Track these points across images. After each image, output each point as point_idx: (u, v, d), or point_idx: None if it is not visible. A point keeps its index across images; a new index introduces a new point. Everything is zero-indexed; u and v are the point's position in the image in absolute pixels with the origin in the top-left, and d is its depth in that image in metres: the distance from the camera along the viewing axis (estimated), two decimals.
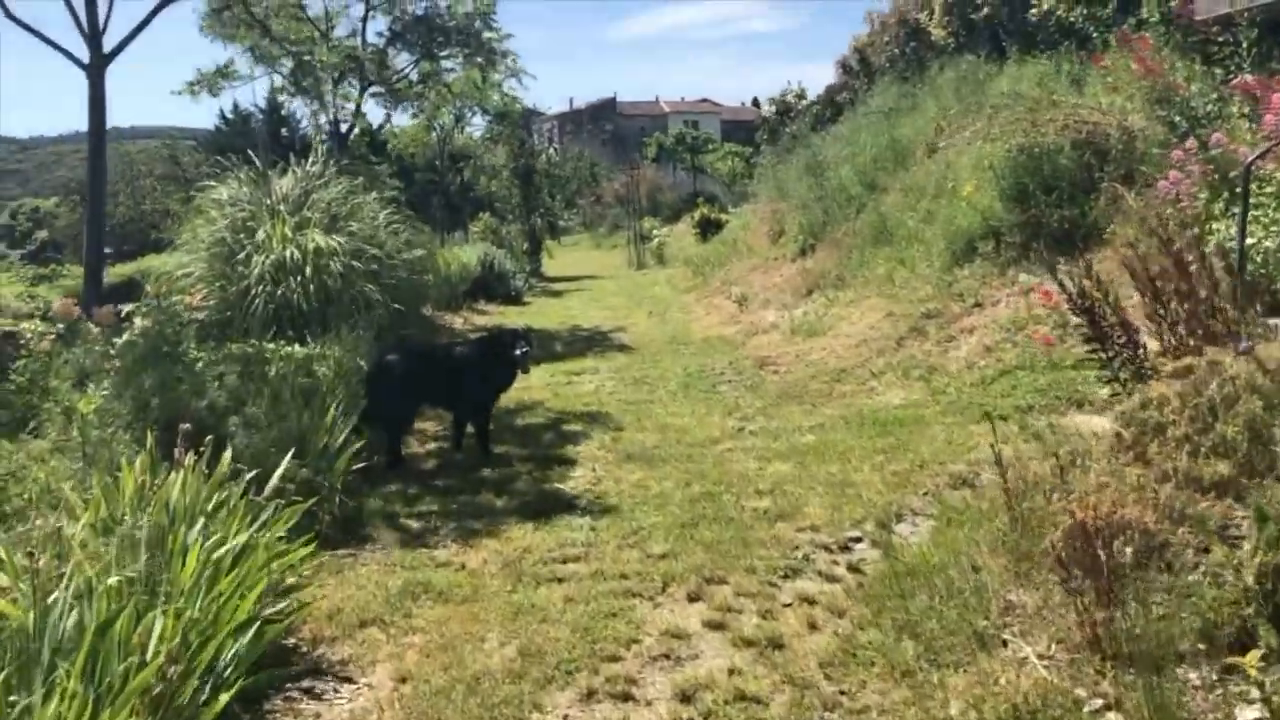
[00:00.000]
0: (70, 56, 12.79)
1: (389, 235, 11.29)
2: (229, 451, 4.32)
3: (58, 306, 6.42)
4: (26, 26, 13.18)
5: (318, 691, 3.93)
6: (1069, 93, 10.90)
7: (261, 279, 9.34)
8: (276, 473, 4.31)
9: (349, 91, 19.87)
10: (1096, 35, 11.88)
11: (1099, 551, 3.54)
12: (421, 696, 3.81)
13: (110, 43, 12.96)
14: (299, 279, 9.37)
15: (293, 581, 4.30)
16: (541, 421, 8.76)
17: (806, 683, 3.75)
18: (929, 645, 3.89)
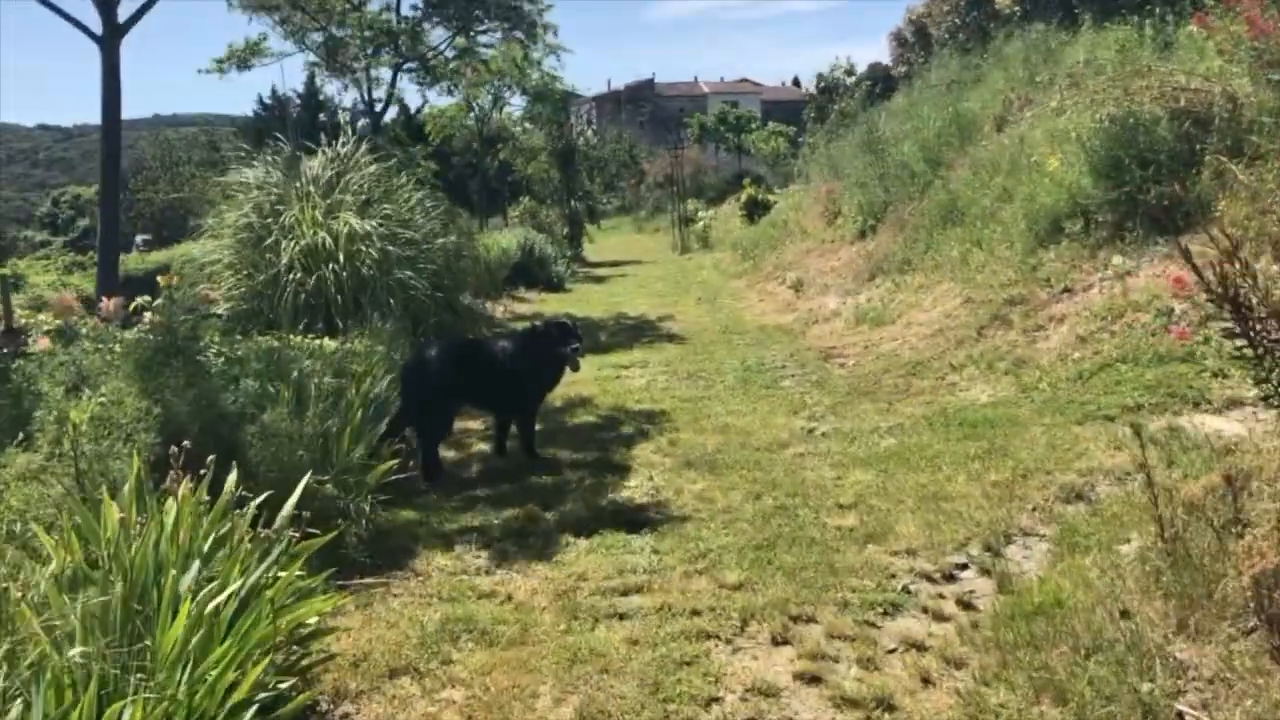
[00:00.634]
0: (83, 28, 12.15)
1: (425, 219, 10.66)
2: (234, 474, 3.64)
3: (55, 300, 5.81)
4: None
5: None
6: (1155, 59, 10.00)
7: (291, 266, 8.79)
8: (290, 500, 3.62)
9: (381, 73, 19.22)
10: None
11: None
12: None
13: (125, 14, 12.32)
14: (331, 266, 8.79)
15: (314, 624, 3.63)
16: (592, 420, 8.07)
17: None
18: (1080, 714, 3.17)
